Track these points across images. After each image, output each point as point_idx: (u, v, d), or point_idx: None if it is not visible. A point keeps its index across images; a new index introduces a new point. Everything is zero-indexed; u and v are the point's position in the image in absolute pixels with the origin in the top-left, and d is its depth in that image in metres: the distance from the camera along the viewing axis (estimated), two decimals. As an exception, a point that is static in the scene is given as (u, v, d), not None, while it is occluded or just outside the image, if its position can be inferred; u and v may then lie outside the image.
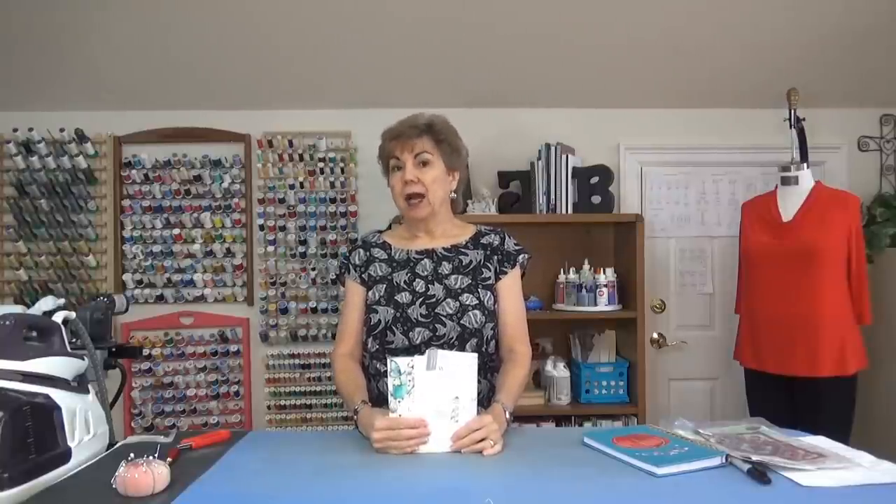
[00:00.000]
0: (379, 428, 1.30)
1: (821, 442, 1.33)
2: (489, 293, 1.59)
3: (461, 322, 1.54)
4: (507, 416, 1.41)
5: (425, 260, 1.62)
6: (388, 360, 1.33)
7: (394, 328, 1.55)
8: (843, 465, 1.17)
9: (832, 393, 2.42)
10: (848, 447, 1.29)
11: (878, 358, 2.84)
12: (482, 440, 1.29)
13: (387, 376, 1.35)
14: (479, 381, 1.53)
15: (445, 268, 1.61)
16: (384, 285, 1.60)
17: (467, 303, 1.55)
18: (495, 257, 1.63)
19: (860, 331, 2.51)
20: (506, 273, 1.63)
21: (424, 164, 1.58)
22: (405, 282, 1.60)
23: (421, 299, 1.57)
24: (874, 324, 2.57)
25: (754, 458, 1.17)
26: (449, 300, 1.56)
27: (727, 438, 1.32)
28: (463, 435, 1.30)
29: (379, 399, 1.55)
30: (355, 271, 1.66)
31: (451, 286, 1.58)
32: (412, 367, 1.31)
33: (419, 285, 1.59)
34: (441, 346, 1.48)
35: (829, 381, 2.41)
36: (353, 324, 1.64)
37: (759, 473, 1.11)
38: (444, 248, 1.64)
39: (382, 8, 2.63)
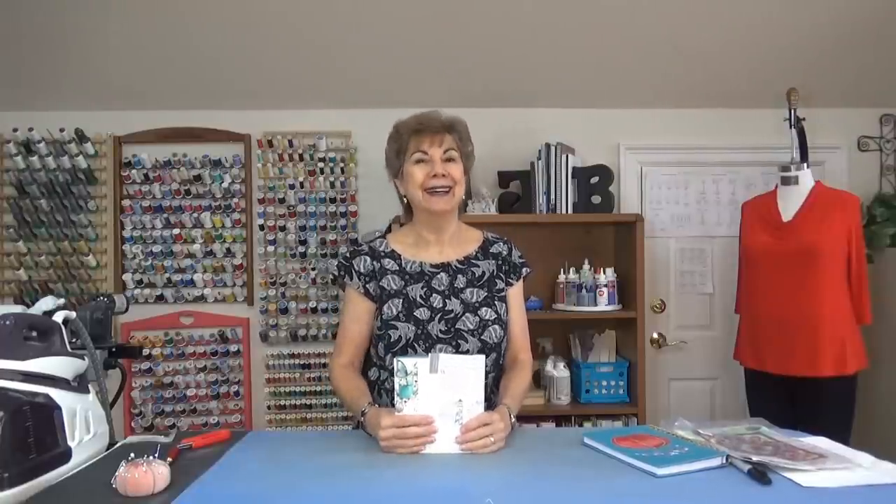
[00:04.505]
0: (385, 426, 1.29)
1: (821, 442, 1.33)
2: (504, 305, 1.60)
3: (482, 337, 1.53)
4: (512, 419, 1.41)
5: (441, 274, 1.59)
6: (395, 360, 1.33)
7: (415, 345, 1.51)
8: (843, 465, 1.17)
9: (832, 393, 2.42)
10: (848, 447, 1.29)
11: (878, 358, 2.84)
12: (487, 436, 1.29)
13: None
14: (492, 392, 1.54)
15: (460, 281, 1.59)
16: (400, 300, 1.55)
17: (486, 317, 1.55)
18: (504, 268, 1.64)
19: (860, 331, 2.51)
20: (511, 285, 1.64)
21: (450, 160, 1.56)
22: (421, 297, 1.55)
23: (439, 315, 1.54)
24: (874, 324, 2.57)
25: (754, 458, 1.17)
26: (468, 315, 1.54)
27: (727, 439, 1.32)
28: (472, 427, 1.29)
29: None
30: (359, 279, 1.59)
31: (468, 300, 1.56)
32: (417, 367, 1.31)
33: (436, 300, 1.55)
34: None
35: (830, 381, 2.41)
36: (354, 335, 1.60)
37: (760, 474, 1.11)
38: (458, 261, 1.61)
39: (382, 8, 2.63)
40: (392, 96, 3.05)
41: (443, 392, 1.31)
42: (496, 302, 1.58)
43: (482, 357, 1.35)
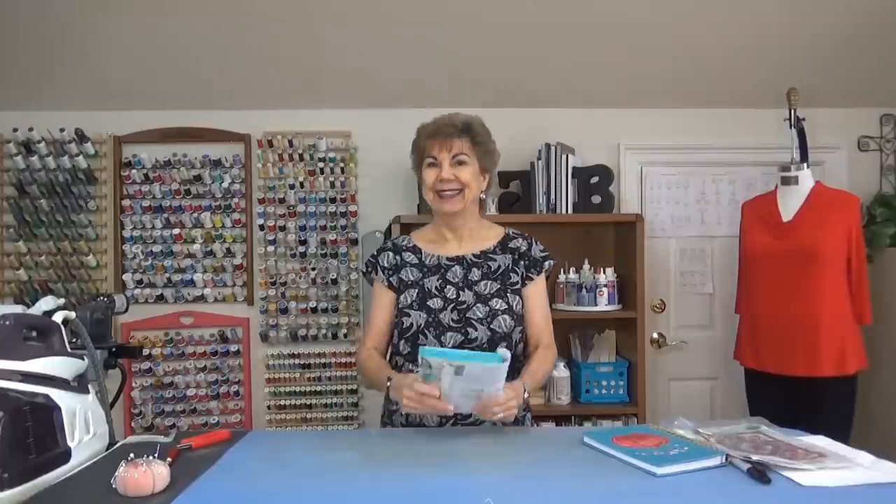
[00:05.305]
0: (408, 389, 1.35)
1: (821, 441, 1.33)
2: (517, 297, 1.65)
3: (491, 326, 1.59)
4: (526, 394, 1.47)
5: (456, 266, 1.67)
6: (420, 350, 1.35)
7: (426, 332, 1.60)
8: (843, 464, 1.17)
9: (832, 393, 2.42)
10: (848, 447, 1.29)
11: (878, 358, 2.84)
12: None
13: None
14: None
15: (475, 274, 1.66)
16: (416, 290, 1.64)
17: (497, 307, 1.61)
18: (522, 262, 1.69)
19: (860, 331, 2.51)
20: (532, 279, 1.69)
21: (460, 163, 1.62)
22: (436, 287, 1.64)
23: (452, 305, 1.62)
24: (874, 324, 2.57)
25: (754, 457, 1.17)
26: (479, 305, 1.61)
27: (727, 438, 1.32)
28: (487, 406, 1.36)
29: None
30: (383, 273, 1.70)
31: (481, 292, 1.63)
32: (442, 367, 1.32)
33: (450, 291, 1.64)
34: (473, 350, 1.52)
35: (830, 380, 2.41)
36: (380, 324, 1.70)
37: (759, 473, 1.10)
38: (473, 255, 1.69)
39: (382, 8, 2.63)
40: (392, 96, 3.05)
41: (465, 385, 1.34)
42: (508, 294, 1.64)
43: (506, 365, 1.35)
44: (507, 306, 1.62)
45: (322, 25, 2.70)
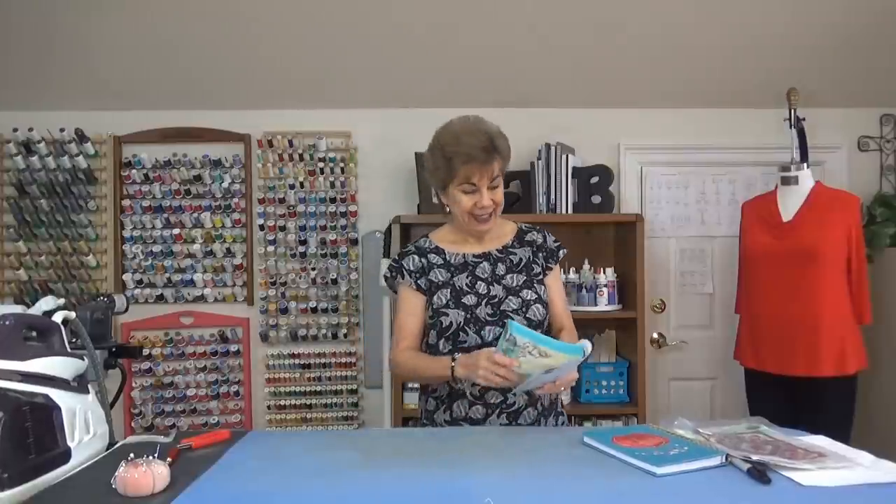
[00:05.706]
0: (486, 367, 1.41)
1: (821, 441, 1.33)
2: (543, 287, 1.73)
3: (527, 316, 1.65)
4: None
5: (483, 263, 1.72)
6: (509, 323, 1.38)
7: (466, 329, 1.64)
8: (843, 464, 1.17)
9: (832, 393, 2.42)
10: (848, 447, 1.29)
11: (878, 358, 2.84)
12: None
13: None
14: None
15: (500, 268, 1.72)
16: (448, 290, 1.68)
17: (528, 298, 1.67)
18: (541, 254, 1.76)
19: (860, 331, 2.51)
20: (551, 269, 1.77)
21: (495, 187, 1.66)
22: (467, 285, 1.68)
23: (485, 300, 1.66)
24: (874, 324, 2.57)
25: (754, 457, 1.17)
26: (511, 298, 1.67)
27: (727, 438, 1.32)
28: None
29: (451, 395, 1.65)
30: (410, 277, 1.71)
31: (509, 285, 1.69)
32: (526, 346, 1.36)
33: (481, 287, 1.68)
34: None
35: (830, 380, 2.41)
36: (412, 327, 1.71)
37: (759, 473, 1.10)
38: (497, 251, 1.74)
39: (382, 9, 2.64)
40: (392, 96, 3.05)
41: (545, 377, 1.41)
42: (535, 284, 1.71)
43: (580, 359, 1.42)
44: (536, 296, 1.68)
45: (322, 26, 2.70)
